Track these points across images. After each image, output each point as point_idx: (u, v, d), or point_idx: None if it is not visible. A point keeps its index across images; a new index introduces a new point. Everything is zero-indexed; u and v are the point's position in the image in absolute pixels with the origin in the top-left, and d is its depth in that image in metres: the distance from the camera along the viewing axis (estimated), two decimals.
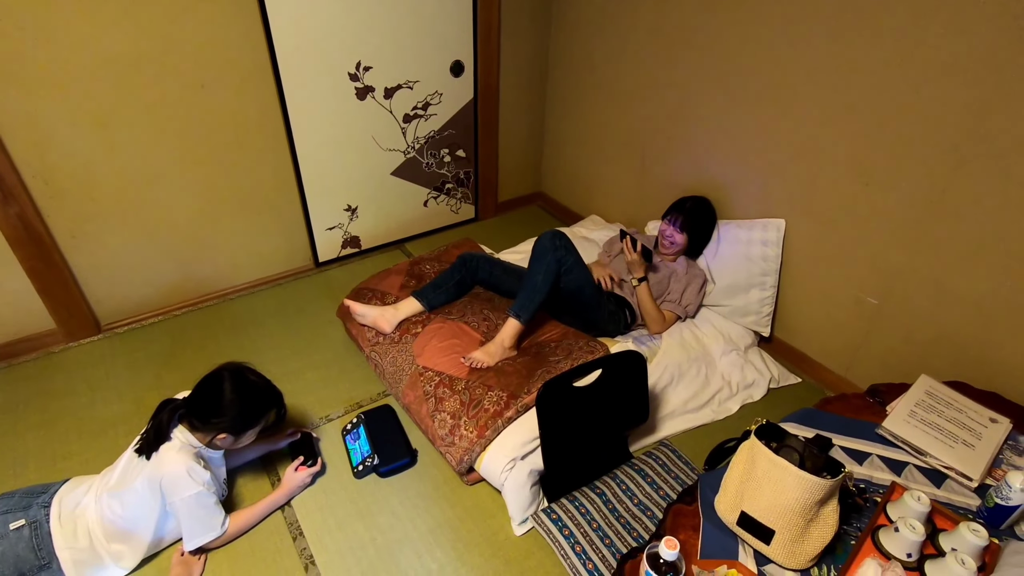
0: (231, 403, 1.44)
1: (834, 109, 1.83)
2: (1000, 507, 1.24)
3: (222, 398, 1.44)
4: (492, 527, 1.64)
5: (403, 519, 1.65)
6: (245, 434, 1.51)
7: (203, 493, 1.43)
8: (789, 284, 2.17)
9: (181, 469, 1.40)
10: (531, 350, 1.95)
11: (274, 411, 1.56)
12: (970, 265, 1.67)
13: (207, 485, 1.44)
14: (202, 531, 1.48)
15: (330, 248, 2.73)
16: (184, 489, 1.40)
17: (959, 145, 1.59)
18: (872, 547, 1.20)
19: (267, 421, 1.55)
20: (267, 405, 1.53)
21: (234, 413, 1.45)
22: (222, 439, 1.47)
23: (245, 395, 1.47)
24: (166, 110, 2.06)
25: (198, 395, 1.45)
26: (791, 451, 1.18)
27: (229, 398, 1.44)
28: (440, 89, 2.64)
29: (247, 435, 1.52)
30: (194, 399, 1.46)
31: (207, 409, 1.44)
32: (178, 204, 2.25)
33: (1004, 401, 1.62)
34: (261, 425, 1.54)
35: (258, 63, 2.16)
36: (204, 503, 1.45)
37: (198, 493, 1.42)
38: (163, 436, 1.43)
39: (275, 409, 1.56)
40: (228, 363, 1.50)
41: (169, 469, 1.40)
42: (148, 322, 2.38)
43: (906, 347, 1.90)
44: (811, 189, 1.98)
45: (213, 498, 1.48)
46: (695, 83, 2.23)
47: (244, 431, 1.50)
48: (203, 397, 1.45)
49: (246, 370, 1.51)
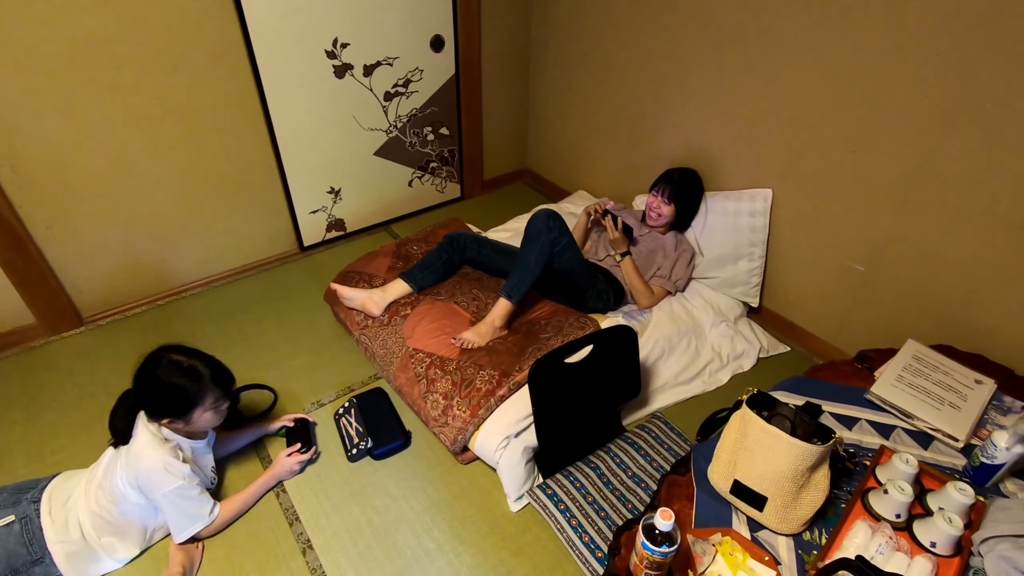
0: (156, 388, 1.36)
1: (821, 76, 1.81)
2: (986, 466, 1.27)
3: (148, 384, 1.37)
4: (488, 504, 1.65)
5: (399, 500, 1.66)
6: (191, 416, 1.40)
7: (183, 486, 1.40)
8: (777, 254, 2.18)
9: (157, 465, 1.37)
10: (522, 328, 1.94)
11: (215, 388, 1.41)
12: (956, 230, 1.68)
13: (187, 477, 1.41)
14: (189, 522, 1.46)
15: (315, 232, 2.69)
16: (163, 485, 1.38)
17: (945, 109, 1.58)
18: (862, 509, 1.22)
19: (215, 399, 1.42)
20: (194, 384, 1.37)
21: (164, 397, 1.37)
22: (171, 424, 1.40)
23: (169, 376, 1.36)
24: (138, 93, 1.99)
25: (134, 384, 1.39)
26: (782, 419, 1.19)
27: (154, 383, 1.36)
28: (420, 65, 2.57)
29: (196, 417, 1.40)
30: (133, 389, 1.40)
31: (141, 397, 1.39)
32: (156, 190, 2.19)
33: (988, 362, 1.64)
34: (208, 405, 1.41)
35: (231, 43, 2.08)
36: (186, 495, 1.42)
37: (179, 487, 1.39)
38: (127, 430, 1.41)
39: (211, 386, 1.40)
40: (161, 346, 1.40)
41: (144, 466, 1.37)
42: (132, 313, 2.33)
43: (893, 313, 1.91)
44: (798, 158, 1.97)
45: (196, 489, 1.45)
46: (681, 53, 2.19)
47: (186, 413, 1.39)
48: (136, 385, 1.39)
49: (172, 350, 1.39)
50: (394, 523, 1.60)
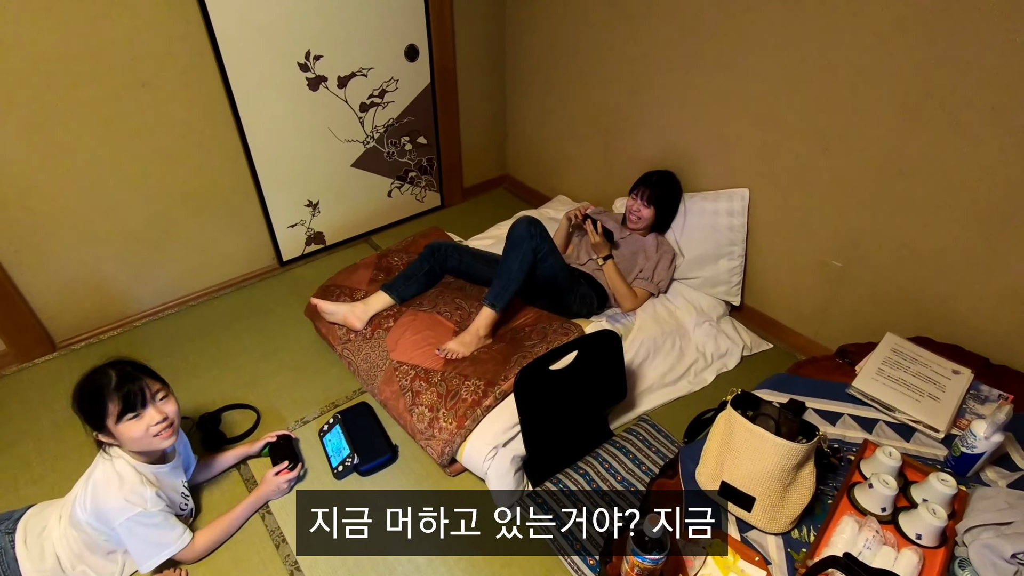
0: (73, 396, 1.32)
1: (790, 76, 1.84)
2: (966, 455, 1.29)
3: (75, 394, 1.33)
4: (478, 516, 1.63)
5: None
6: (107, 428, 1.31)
7: (143, 513, 1.34)
8: (756, 252, 2.20)
9: (113, 491, 1.32)
10: (506, 336, 1.93)
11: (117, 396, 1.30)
12: (927, 222, 1.71)
13: (150, 503, 1.35)
14: (154, 550, 1.40)
15: (294, 246, 2.66)
16: (120, 513, 1.32)
17: (911, 105, 1.61)
18: (849, 504, 1.23)
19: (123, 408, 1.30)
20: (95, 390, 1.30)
21: (76, 404, 1.32)
22: (105, 439, 1.34)
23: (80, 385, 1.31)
24: (105, 110, 1.95)
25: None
26: (767, 418, 1.20)
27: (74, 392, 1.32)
28: (396, 75, 2.56)
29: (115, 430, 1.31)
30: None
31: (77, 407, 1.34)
32: (128, 209, 2.15)
33: (965, 352, 1.67)
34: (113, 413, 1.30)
35: (201, 57, 2.05)
36: (148, 522, 1.36)
37: (137, 515, 1.33)
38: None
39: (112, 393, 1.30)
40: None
41: (101, 494, 1.33)
42: (107, 335, 2.28)
43: (871, 307, 1.94)
44: (772, 157, 1.99)
45: (159, 515, 1.38)
46: (654, 56, 2.21)
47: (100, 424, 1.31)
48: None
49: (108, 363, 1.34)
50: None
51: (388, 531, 1.59)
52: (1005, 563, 1.06)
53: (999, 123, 1.48)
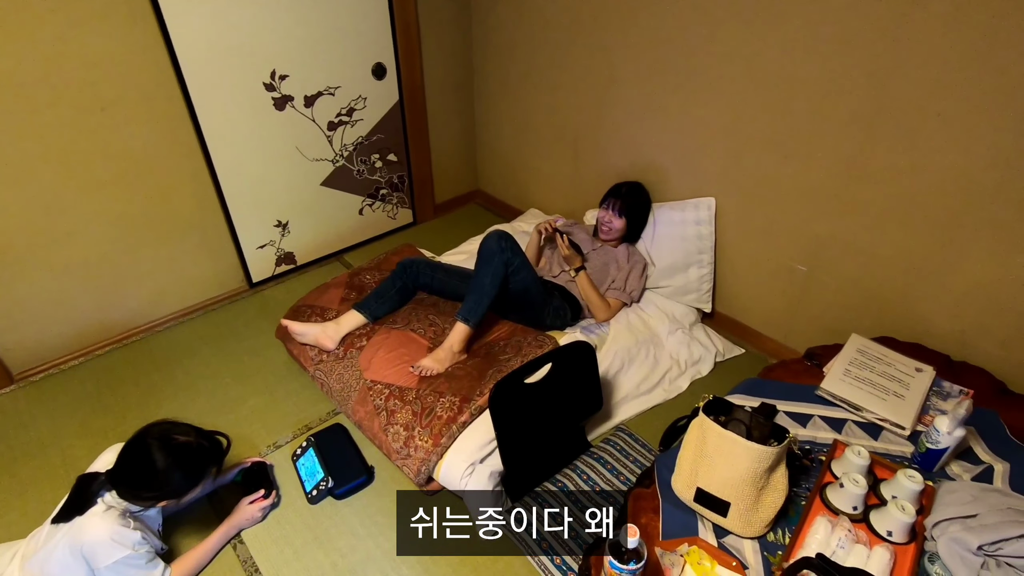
0: (166, 473, 1.32)
1: (749, 88, 1.89)
2: (931, 451, 1.32)
3: (155, 470, 1.31)
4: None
5: (365, 539, 1.60)
6: (187, 495, 1.41)
7: (131, 556, 1.31)
8: (724, 259, 2.24)
9: (104, 535, 1.28)
10: (480, 351, 1.92)
11: (214, 462, 1.44)
12: (886, 227, 1.76)
13: (136, 546, 1.32)
14: None
15: (263, 267, 2.62)
16: (109, 555, 1.29)
17: (865, 114, 1.67)
18: (821, 505, 1.25)
19: (211, 475, 1.44)
20: (207, 462, 1.41)
21: (172, 481, 1.34)
22: (164, 506, 1.39)
23: (180, 460, 1.34)
24: (63, 136, 1.90)
25: (126, 470, 1.33)
26: (738, 423, 1.21)
27: (163, 468, 1.32)
28: (363, 93, 2.56)
29: (191, 495, 1.42)
30: (122, 474, 1.33)
31: (139, 484, 1.33)
32: (88, 236, 2.09)
33: (927, 350, 1.72)
34: (206, 480, 1.43)
35: (163, 79, 2.03)
36: (134, 564, 1.33)
37: (125, 557, 1.30)
38: (85, 509, 1.32)
39: (214, 460, 1.44)
40: (150, 426, 1.37)
41: (90, 537, 1.28)
42: (68, 366, 2.20)
43: (837, 309, 1.99)
44: (736, 166, 2.04)
45: (145, 557, 1.35)
46: (619, 70, 2.26)
47: (186, 493, 1.40)
48: (132, 472, 1.33)
49: (173, 429, 1.38)
50: (361, 564, 1.54)
51: (365, 554, 1.56)
52: (972, 555, 1.08)
53: (945, 130, 1.54)
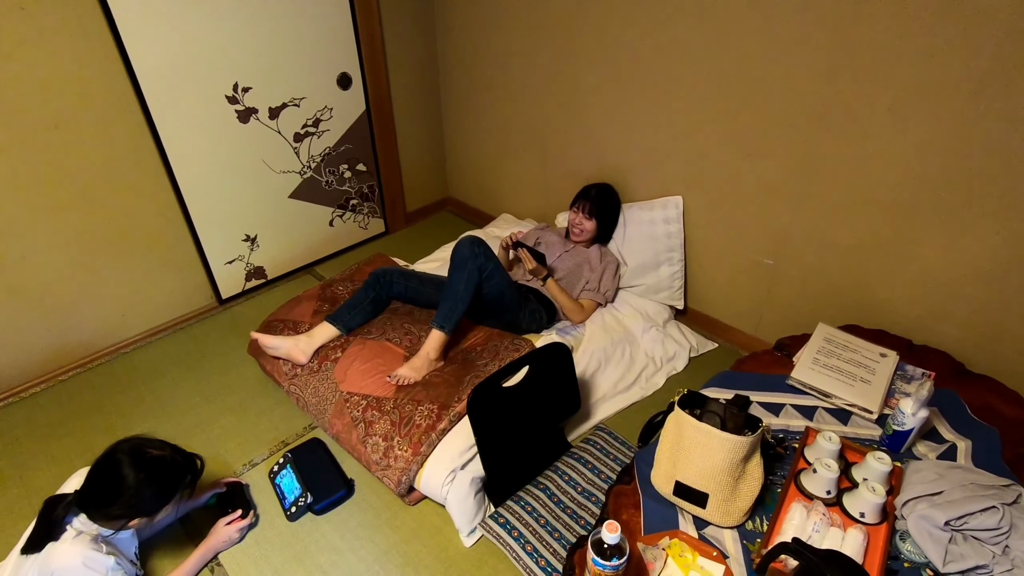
0: (137, 488, 1.28)
1: (709, 88, 1.94)
2: (898, 433, 1.36)
3: (124, 485, 1.27)
4: (440, 543, 1.60)
5: (346, 554, 1.57)
6: (160, 513, 1.36)
7: None
8: (694, 256, 2.28)
9: (75, 561, 1.23)
10: (457, 358, 1.92)
11: (188, 477, 1.40)
12: (845, 218, 1.82)
13: (111, 572, 1.27)
14: None
15: (233, 283, 2.56)
16: None
17: (819, 110, 1.73)
18: (796, 491, 1.27)
19: (183, 491, 1.39)
20: (179, 476, 1.37)
21: (144, 497, 1.30)
22: (135, 524, 1.33)
23: (152, 475, 1.30)
24: (14, 155, 1.84)
25: (95, 487, 1.28)
26: (713, 415, 1.24)
27: (133, 483, 1.27)
28: (329, 104, 2.54)
29: (163, 512, 1.37)
30: (91, 492, 1.28)
31: (109, 501, 1.28)
32: (44, 258, 2.02)
33: (890, 336, 1.78)
34: (178, 497, 1.38)
35: (120, 94, 1.98)
36: None
37: None
38: (55, 534, 1.26)
39: (189, 475, 1.40)
40: (120, 442, 1.32)
41: (61, 563, 1.23)
42: (28, 393, 2.12)
43: (803, 300, 2.04)
44: (700, 165, 2.09)
45: None
46: (583, 73, 2.29)
47: (159, 511, 1.35)
48: (101, 488, 1.28)
49: (145, 443, 1.34)
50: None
51: (347, 569, 1.53)
52: (940, 531, 1.12)
53: (894, 123, 1.60)
